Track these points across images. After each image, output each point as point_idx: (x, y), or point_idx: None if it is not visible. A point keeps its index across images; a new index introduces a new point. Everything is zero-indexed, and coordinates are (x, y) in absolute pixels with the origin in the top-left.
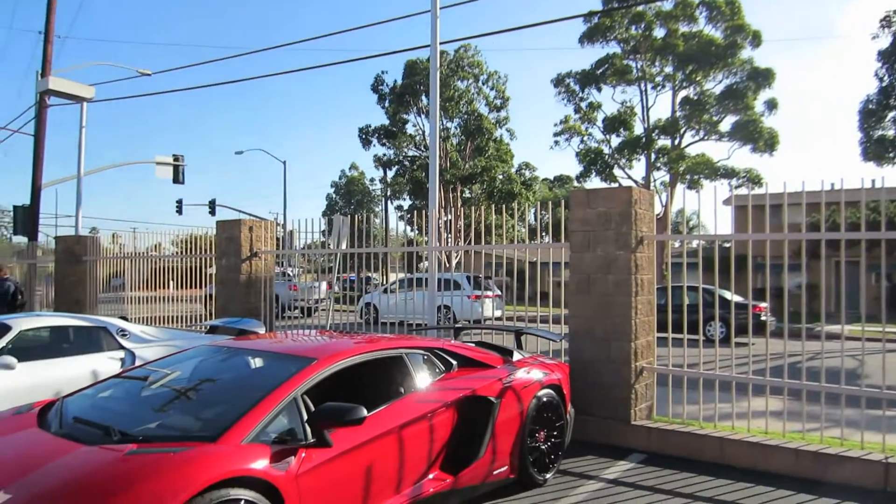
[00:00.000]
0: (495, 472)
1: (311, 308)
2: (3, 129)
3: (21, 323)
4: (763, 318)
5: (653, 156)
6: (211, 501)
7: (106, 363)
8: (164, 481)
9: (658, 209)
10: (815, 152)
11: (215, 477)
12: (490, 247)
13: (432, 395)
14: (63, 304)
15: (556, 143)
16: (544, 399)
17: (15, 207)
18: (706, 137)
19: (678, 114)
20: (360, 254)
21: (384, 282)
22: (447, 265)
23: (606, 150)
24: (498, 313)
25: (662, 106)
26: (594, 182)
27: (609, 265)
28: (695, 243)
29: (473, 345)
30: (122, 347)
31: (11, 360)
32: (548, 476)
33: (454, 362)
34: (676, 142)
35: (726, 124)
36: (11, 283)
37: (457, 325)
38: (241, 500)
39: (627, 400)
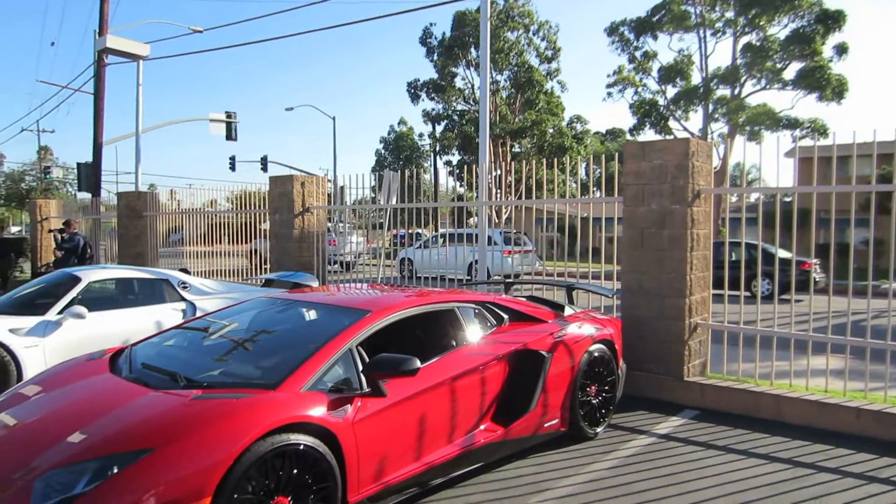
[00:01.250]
0: (546, 425)
1: (351, 263)
2: (65, 87)
3: (90, 275)
4: (810, 274)
5: (711, 107)
6: (272, 445)
7: (168, 314)
8: (228, 425)
9: (715, 162)
10: (887, 100)
11: (276, 422)
12: (541, 201)
13: (484, 348)
14: (126, 257)
15: (609, 94)
16: (596, 354)
17: (79, 164)
18: (768, 86)
19: (739, 62)
20: (410, 209)
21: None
22: (496, 221)
23: (661, 102)
24: (529, 268)
25: (722, 54)
26: (648, 135)
27: (664, 220)
28: (754, 197)
29: (525, 299)
30: (183, 299)
31: (82, 309)
32: (598, 430)
33: (505, 316)
34: (736, 91)
35: (790, 72)
36: (80, 238)
37: (507, 280)
38: (300, 444)
39: (681, 356)
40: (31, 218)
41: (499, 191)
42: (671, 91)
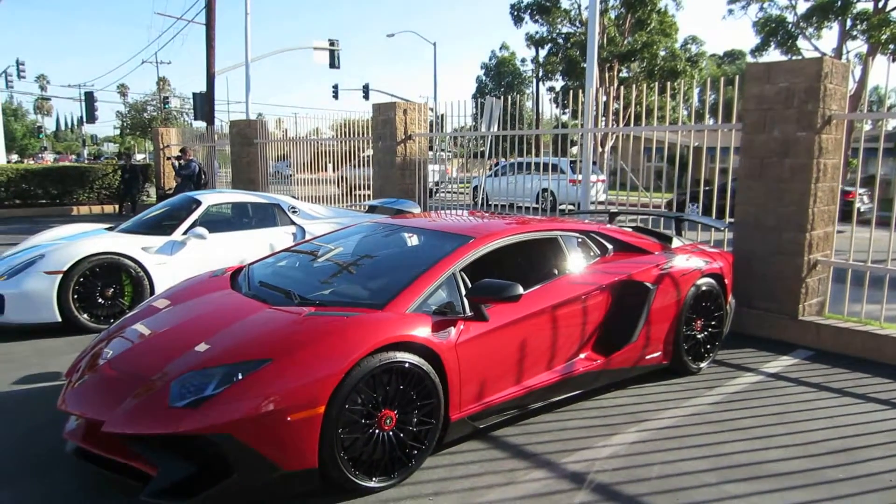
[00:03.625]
0: (647, 357)
1: (433, 190)
2: (179, 18)
3: (209, 199)
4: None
5: (848, 22)
6: (380, 362)
7: (280, 237)
8: (340, 341)
9: (850, 86)
10: None
11: (383, 340)
12: (651, 128)
13: (586, 277)
14: (239, 183)
15: (730, 11)
16: (703, 288)
17: (194, 94)
18: None
19: None
20: (510, 138)
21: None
22: (600, 150)
23: (790, 18)
24: (602, 198)
25: None
26: (772, 56)
27: (786, 148)
28: (893, 125)
29: (630, 230)
30: (293, 223)
31: (204, 231)
32: (702, 365)
33: (610, 246)
34: (880, 4)
35: None
36: (196, 164)
37: (612, 210)
38: (405, 362)
39: (797, 294)
40: (153, 146)
41: (604, 118)
42: (802, 6)
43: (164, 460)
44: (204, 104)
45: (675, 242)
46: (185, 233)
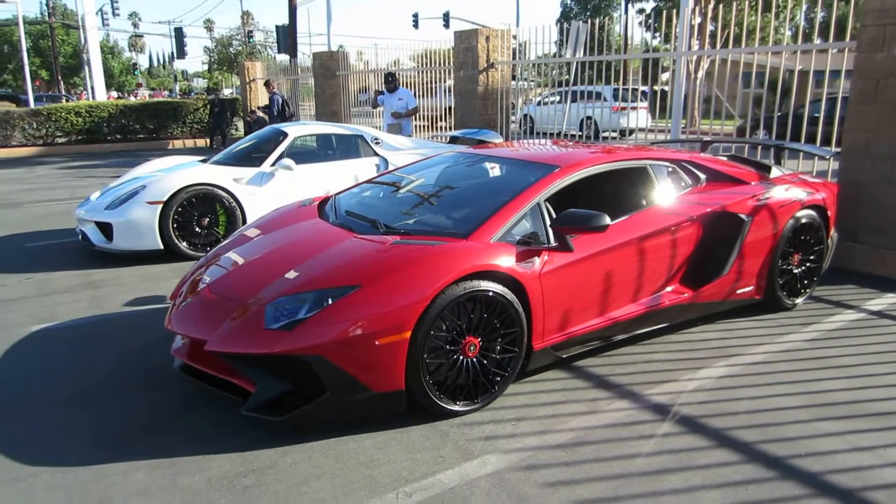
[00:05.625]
0: (739, 292)
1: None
2: None
3: (294, 130)
4: None
5: None
6: (464, 290)
7: (363, 168)
8: (425, 268)
9: None
10: None
11: (468, 269)
12: (751, 49)
13: (676, 208)
14: (322, 115)
15: None
16: (803, 220)
17: (277, 27)
18: None
19: None
20: (596, 64)
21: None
22: (692, 76)
23: None
24: (643, 125)
25: None
26: None
27: None
28: None
29: (725, 159)
30: (376, 154)
31: (291, 162)
32: (798, 301)
33: (702, 176)
34: None
35: None
36: (279, 97)
37: (704, 139)
38: (489, 291)
39: None
40: (240, 80)
41: (698, 41)
42: None
43: (261, 378)
44: (286, 36)
45: (775, 172)
46: (273, 164)
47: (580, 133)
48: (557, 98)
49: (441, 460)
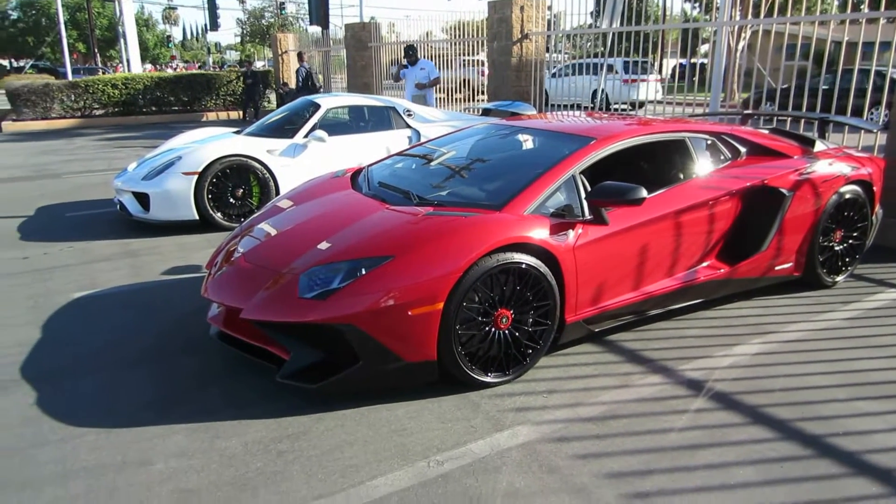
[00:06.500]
0: (777, 268)
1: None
2: None
3: (327, 102)
4: None
5: None
6: (497, 262)
7: (396, 139)
8: (458, 240)
9: None
10: None
11: (501, 241)
12: (795, 18)
13: (715, 182)
14: (354, 87)
15: None
16: (847, 196)
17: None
18: None
19: None
20: (632, 35)
21: (657, 68)
22: (733, 47)
23: None
24: (655, 97)
25: None
26: None
27: None
28: None
29: (767, 132)
30: (408, 126)
31: (324, 133)
32: (838, 279)
33: (743, 149)
34: None
35: None
36: (304, 69)
37: (745, 112)
38: (522, 263)
39: None
40: (272, 52)
41: (740, 11)
42: None
43: (295, 346)
44: (318, 8)
45: (818, 146)
46: (306, 136)
47: (591, 104)
48: (571, 70)
49: (472, 430)
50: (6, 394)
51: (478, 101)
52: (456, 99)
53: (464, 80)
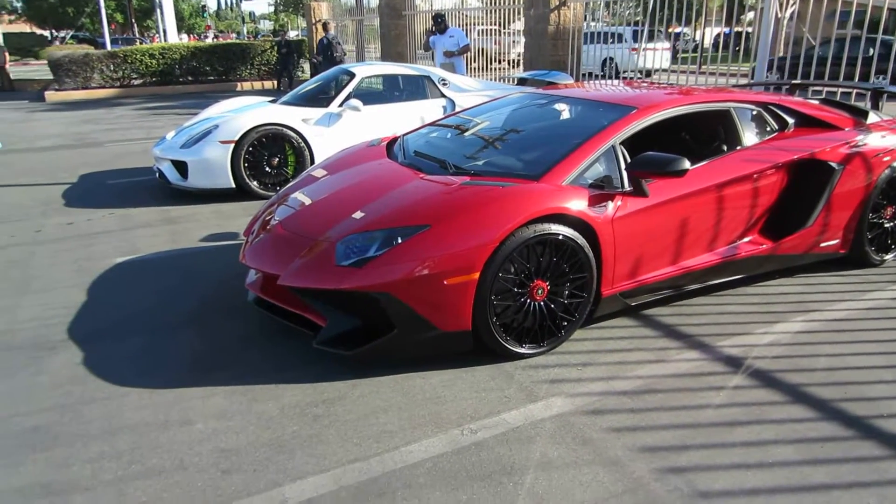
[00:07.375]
0: (822, 245)
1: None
2: None
3: (362, 71)
4: None
5: None
6: (534, 233)
7: (430, 109)
8: (495, 210)
9: None
10: None
11: (538, 212)
12: None
13: (760, 154)
14: (388, 56)
15: None
16: None
17: None
18: None
19: None
20: (674, 3)
21: (695, 38)
22: (779, 15)
23: None
24: (665, 66)
25: None
26: None
27: None
28: None
29: (817, 102)
30: (443, 96)
31: (358, 102)
32: (887, 257)
33: (790, 121)
34: None
35: None
36: (325, 39)
37: (794, 82)
38: (559, 235)
39: None
40: (306, 21)
41: None
42: None
43: (332, 313)
44: None
45: (872, 118)
46: (340, 105)
47: (601, 72)
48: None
49: (506, 400)
50: (55, 353)
51: (495, 69)
52: (492, 68)
53: (480, 50)
